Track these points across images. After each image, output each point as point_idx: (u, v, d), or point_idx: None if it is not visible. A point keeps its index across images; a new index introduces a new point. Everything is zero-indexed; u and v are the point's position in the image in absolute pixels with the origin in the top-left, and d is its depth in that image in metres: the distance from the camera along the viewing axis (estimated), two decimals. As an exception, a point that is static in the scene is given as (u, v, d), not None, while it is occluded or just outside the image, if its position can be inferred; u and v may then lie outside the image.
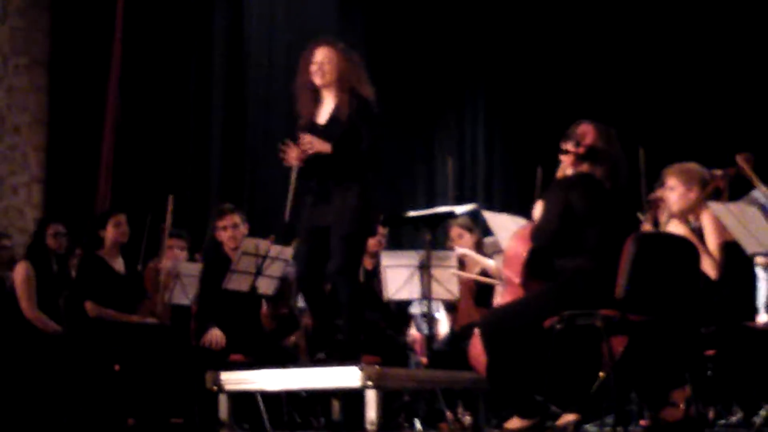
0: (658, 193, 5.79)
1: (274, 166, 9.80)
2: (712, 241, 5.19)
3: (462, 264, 7.18)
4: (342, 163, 5.40)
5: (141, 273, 6.95)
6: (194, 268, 6.90)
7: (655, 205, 5.74)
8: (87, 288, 6.50)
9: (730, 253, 5.13)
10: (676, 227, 5.26)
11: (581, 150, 4.86)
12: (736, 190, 5.51)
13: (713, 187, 5.29)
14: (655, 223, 5.70)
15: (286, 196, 5.55)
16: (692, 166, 5.43)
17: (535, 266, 4.95)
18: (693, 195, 5.32)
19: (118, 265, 6.67)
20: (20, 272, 6.72)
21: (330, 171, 5.43)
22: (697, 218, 5.32)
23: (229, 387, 5.50)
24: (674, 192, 5.36)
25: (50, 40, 8.80)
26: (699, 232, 5.25)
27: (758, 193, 5.80)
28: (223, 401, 5.52)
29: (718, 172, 5.37)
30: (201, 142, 9.56)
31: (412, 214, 6.75)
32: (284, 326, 7.16)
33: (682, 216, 5.30)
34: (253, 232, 6.88)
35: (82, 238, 7.00)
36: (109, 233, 6.62)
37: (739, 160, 5.30)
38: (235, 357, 6.40)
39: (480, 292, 7.13)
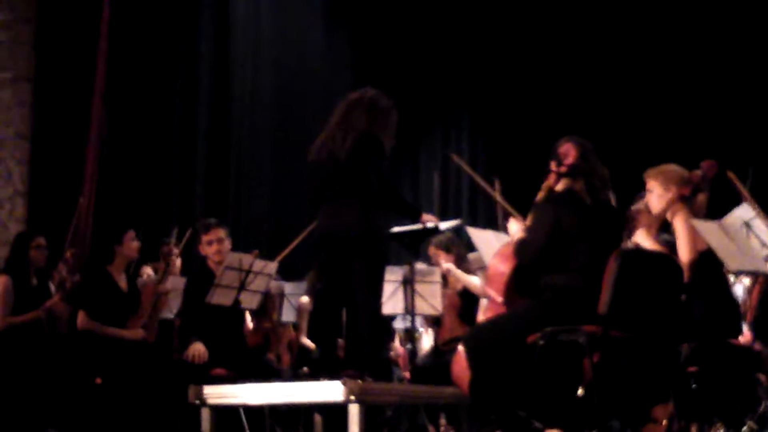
0: (634, 207, 5.82)
1: (258, 182, 9.93)
2: (684, 252, 5.17)
3: (446, 280, 7.19)
4: None
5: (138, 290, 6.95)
6: (178, 283, 6.88)
7: (632, 221, 5.75)
8: (86, 299, 6.49)
9: (702, 265, 5.14)
10: (642, 240, 5.27)
11: (563, 169, 4.91)
12: (720, 203, 5.55)
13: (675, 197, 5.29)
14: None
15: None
16: (671, 167, 5.44)
17: (518, 284, 4.96)
18: (671, 195, 5.32)
19: (122, 281, 6.69)
20: None
21: None
22: (671, 221, 5.31)
23: (211, 401, 5.48)
24: (653, 194, 5.37)
25: (35, 54, 8.79)
26: (665, 244, 5.26)
27: (742, 210, 5.84)
28: (205, 415, 5.51)
29: (697, 172, 5.39)
30: (186, 158, 9.56)
31: (396, 229, 6.74)
32: (267, 341, 7.14)
33: (659, 219, 5.31)
34: (237, 247, 6.87)
35: (95, 252, 6.99)
36: (125, 248, 6.64)
37: (705, 167, 5.33)
38: (218, 371, 6.38)
39: (464, 307, 7.14)
